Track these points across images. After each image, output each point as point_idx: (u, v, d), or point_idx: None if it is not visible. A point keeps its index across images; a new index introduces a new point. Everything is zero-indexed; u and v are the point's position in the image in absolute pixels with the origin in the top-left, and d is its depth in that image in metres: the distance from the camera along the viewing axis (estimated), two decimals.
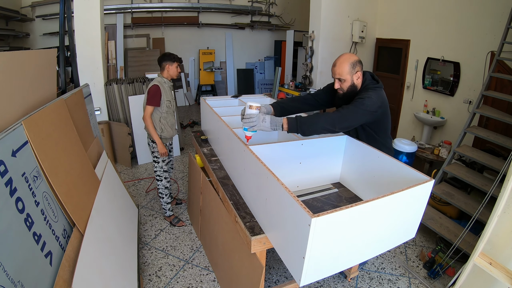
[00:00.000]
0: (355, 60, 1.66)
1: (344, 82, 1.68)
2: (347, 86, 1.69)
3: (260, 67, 8.06)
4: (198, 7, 6.75)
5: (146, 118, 2.52)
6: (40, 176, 1.33)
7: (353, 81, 1.68)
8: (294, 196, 1.12)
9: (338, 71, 1.67)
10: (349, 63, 1.64)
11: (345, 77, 1.66)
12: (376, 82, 1.72)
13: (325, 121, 1.53)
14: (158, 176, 2.70)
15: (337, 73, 1.67)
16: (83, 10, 3.68)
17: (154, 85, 2.45)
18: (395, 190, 1.21)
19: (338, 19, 4.88)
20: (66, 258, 1.33)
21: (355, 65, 1.65)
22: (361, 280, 2.24)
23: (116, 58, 6.05)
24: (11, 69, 1.44)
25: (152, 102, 2.46)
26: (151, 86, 2.46)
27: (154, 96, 2.45)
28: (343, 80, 1.68)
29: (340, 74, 1.67)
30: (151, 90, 2.46)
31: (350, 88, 1.69)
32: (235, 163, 1.84)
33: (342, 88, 1.71)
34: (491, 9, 3.52)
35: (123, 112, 4.13)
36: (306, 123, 1.52)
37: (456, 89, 4.01)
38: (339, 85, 1.70)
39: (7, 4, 4.93)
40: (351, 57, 1.67)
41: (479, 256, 1.81)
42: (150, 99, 2.46)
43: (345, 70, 1.65)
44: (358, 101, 1.59)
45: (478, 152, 2.77)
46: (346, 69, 1.65)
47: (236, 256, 1.81)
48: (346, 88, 1.70)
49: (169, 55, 2.52)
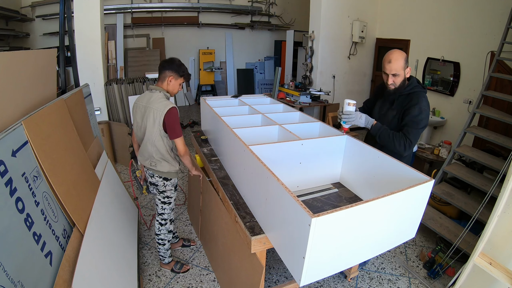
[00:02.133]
0: (406, 56, 1.78)
1: (398, 77, 1.77)
2: (400, 81, 1.79)
3: (260, 67, 8.06)
4: (198, 7, 6.75)
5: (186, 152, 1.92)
6: (40, 176, 1.33)
7: (405, 75, 1.79)
8: (294, 196, 1.12)
9: (394, 67, 1.75)
10: (404, 59, 1.75)
11: (400, 72, 1.76)
12: (422, 87, 1.82)
13: (398, 145, 1.75)
14: (164, 220, 2.12)
15: (394, 69, 1.75)
16: (83, 10, 3.68)
17: (173, 108, 1.83)
18: (395, 190, 1.21)
19: (338, 19, 4.89)
20: (66, 258, 1.33)
21: (406, 60, 1.77)
22: (361, 280, 2.24)
23: (116, 58, 6.05)
24: (11, 69, 1.44)
25: (180, 131, 1.88)
26: (171, 109, 1.81)
27: (178, 122, 1.86)
28: (398, 75, 1.76)
29: (396, 70, 1.75)
30: (173, 116, 1.82)
31: (402, 83, 1.80)
32: (235, 163, 1.84)
33: (395, 83, 1.80)
34: (491, 9, 3.52)
35: (123, 112, 4.13)
36: (384, 135, 1.78)
37: (456, 89, 4.01)
38: (393, 80, 1.79)
39: (7, 4, 4.93)
40: (403, 53, 1.77)
41: (479, 256, 1.81)
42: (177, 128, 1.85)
43: (400, 66, 1.74)
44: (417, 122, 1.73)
45: (478, 152, 2.77)
46: (401, 64, 1.74)
47: (236, 256, 1.81)
48: (399, 83, 1.80)
49: (179, 65, 1.91)
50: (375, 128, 1.82)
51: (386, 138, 1.78)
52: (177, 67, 1.90)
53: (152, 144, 1.89)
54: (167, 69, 1.89)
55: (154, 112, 1.83)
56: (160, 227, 2.12)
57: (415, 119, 1.73)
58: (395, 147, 1.75)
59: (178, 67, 1.90)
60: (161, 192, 2.04)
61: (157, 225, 2.13)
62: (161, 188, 2.03)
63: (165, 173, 1.98)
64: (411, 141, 1.74)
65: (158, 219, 2.11)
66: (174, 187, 2.08)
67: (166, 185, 2.02)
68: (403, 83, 1.79)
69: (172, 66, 1.89)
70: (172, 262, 2.28)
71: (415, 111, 1.73)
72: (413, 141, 1.74)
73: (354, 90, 5.48)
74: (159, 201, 2.07)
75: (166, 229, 2.14)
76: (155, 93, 1.88)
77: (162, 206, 2.08)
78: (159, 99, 1.85)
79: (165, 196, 2.05)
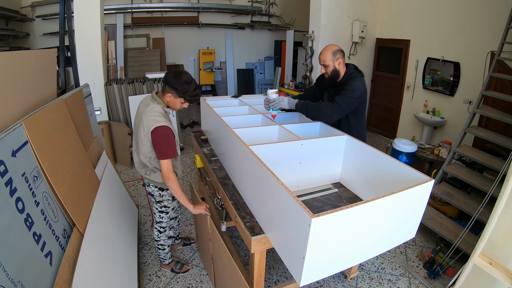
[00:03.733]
0: (336, 49, 2.00)
1: (328, 67, 2.02)
2: (330, 70, 2.02)
3: (260, 67, 8.06)
4: (198, 7, 6.75)
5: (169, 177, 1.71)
6: (40, 176, 1.33)
7: (335, 66, 2.01)
8: (294, 196, 1.12)
9: (322, 58, 2.01)
10: (331, 52, 1.99)
11: (328, 63, 2.00)
12: (358, 72, 2.05)
13: (325, 109, 1.93)
14: (162, 228, 2.07)
15: (322, 60, 2.02)
16: (83, 10, 3.68)
17: (161, 128, 1.64)
18: (395, 190, 1.21)
19: (338, 19, 4.88)
20: (66, 258, 1.33)
21: (336, 53, 1.99)
22: (361, 280, 2.24)
23: (116, 58, 6.05)
24: (11, 69, 1.44)
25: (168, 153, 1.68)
26: (156, 129, 1.64)
27: (168, 142, 1.66)
28: (327, 65, 2.01)
29: (323, 61, 2.01)
30: (159, 136, 1.65)
31: (333, 72, 2.02)
32: (235, 163, 1.84)
33: (327, 72, 2.04)
34: (491, 9, 3.52)
35: (123, 112, 4.13)
36: (310, 108, 1.99)
37: (456, 89, 4.01)
38: (324, 70, 2.04)
39: (7, 4, 4.93)
40: (333, 46, 2.01)
41: (479, 256, 1.81)
42: (164, 149, 1.67)
43: (327, 57, 1.99)
44: (347, 92, 1.93)
45: (478, 152, 2.77)
46: (328, 56, 1.99)
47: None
48: (330, 72, 2.03)
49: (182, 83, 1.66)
50: (300, 105, 2.05)
51: (312, 108, 1.99)
52: (179, 86, 1.67)
53: (144, 155, 1.80)
54: (167, 84, 1.69)
55: (143, 126, 1.71)
56: (159, 234, 2.10)
57: (345, 91, 1.94)
58: (321, 110, 1.94)
59: (180, 85, 1.67)
60: (157, 202, 1.98)
61: (156, 232, 2.10)
62: (158, 198, 1.96)
63: (160, 183, 1.89)
64: (338, 104, 1.91)
65: (157, 226, 2.09)
66: (172, 197, 2.01)
67: (162, 195, 1.96)
68: (335, 73, 2.02)
69: (174, 83, 1.67)
70: (172, 263, 2.29)
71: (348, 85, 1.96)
72: (340, 103, 1.91)
73: None
74: (157, 211, 2.02)
75: (166, 235, 2.11)
76: (153, 103, 1.74)
77: (159, 215, 2.03)
78: (152, 113, 1.69)
79: (162, 205, 2.00)
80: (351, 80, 1.97)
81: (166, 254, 2.21)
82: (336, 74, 2.02)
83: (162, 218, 2.05)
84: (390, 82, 5.19)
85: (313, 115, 1.99)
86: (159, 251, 2.18)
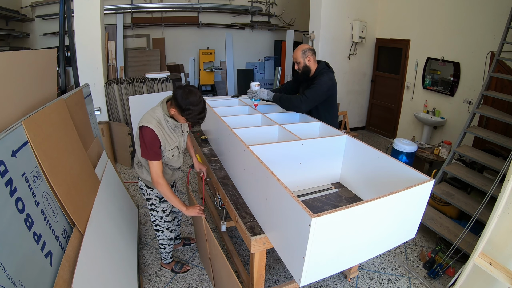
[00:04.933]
0: (306, 48, 2.27)
1: (299, 63, 2.29)
2: (301, 66, 2.29)
3: (260, 67, 8.05)
4: (198, 7, 6.75)
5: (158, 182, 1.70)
6: (40, 176, 1.33)
7: (305, 62, 2.27)
8: (294, 196, 1.12)
9: (294, 56, 2.31)
10: (301, 50, 2.26)
11: (299, 60, 2.28)
12: (328, 68, 2.30)
13: (295, 101, 2.24)
14: (158, 226, 2.04)
15: (294, 57, 2.32)
16: (83, 10, 3.68)
17: (148, 128, 1.63)
18: (395, 190, 1.21)
19: (338, 19, 4.88)
20: (66, 258, 1.33)
21: (306, 51, 2.25)
22: (361, 280, 2.24)
23: (116, 58, 6.04)
24: (11, 69, 1.44)
25: (149, 154, 1.67)
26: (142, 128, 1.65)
27: (148, 145, 1.65)
28: (298, 62, 2.29)
29: (295, 58, 2.30)
30: (142, 135, 1.65)
31: (304, 68, 2.29)
32: (235, 163, 1.84)
33: (299, 68, 2.31)
34: (491, 9, 3.52)
35: (123, 112, 4.13)
36: (283, 99, 2.31)
37: (456, 89, 4.01)
38: (297, 66, 2.32)
39: (7, 4, 4.92)
40: (303, 46, 2.30)
41: (479, 256, 1.81)
42: (145, 149, 1.67)
43: (298, 55, 2.27)
44: (315, 86, 2.20)
45: (478, 152, 2.77)
46: (299, 54, 2.27)
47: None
48: (301, 68, 2.30)
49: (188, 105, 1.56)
50: (275, 96, 2.36)
51: (285, 99, 2.30)
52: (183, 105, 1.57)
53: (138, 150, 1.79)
54: (174, 100, 1.60)
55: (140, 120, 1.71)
56: (157, 233, 2.08)
57: (313, 85, 2.21)
58: (292, 102, 2.25)
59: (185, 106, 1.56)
60: (147, 199, 1.97)
61: (154, 231, 2.11)
62: (146, 195, 1.95)
63: (147, 181, 1.88)
64: (307, 97, 2.20)
65: (153, 225, 2.08)
66: (159, 198, 1.94)
67: (149, 193, 1.93)
68: (305, 68, 2.28)
69: (180, 101, 1.57)
70: (173, 262, 2.28)
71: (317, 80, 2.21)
72: (308, 96, 2.19)
73: (354, 90, 5.48)
74: (148, 208, 2.03)
75: (165, 236, 2.08)
76: (158, 107, 1.72)
77: (151, 213, 2.02)
78: (150, 113, 1.70)
79: (151, 203, 1.97)
80: (320, 75, 2.23)
81: (167, 254, 2.20)
82: (307, 70, 2.29)
83: (155, 217, 2.01)
84: (390, 82, 5.19)
85: (286, 105, 2.31)
86: (160, 249, 2.19)
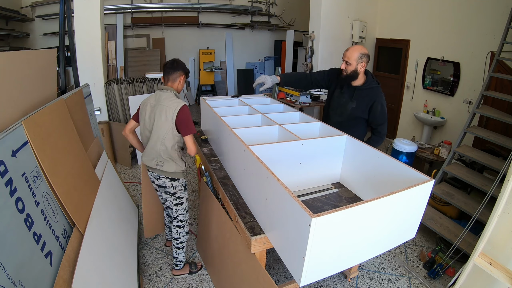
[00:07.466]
0: (365, 53, 2.00)
1: (349, 65, 2.01)
2: (350, 69, 2.02)
3: (260, 67, 8.05)
4: (198, 7, 6.75)
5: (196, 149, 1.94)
6: (40, 176, 1.33)
7: (357, 68, 2.01)
8: (294, 196, 1.12)
9: (348, 55, 2.00)
10: (359, 53, 1.98)
11: (352, 62, 1.99)
12: (377, 83, 2.09)
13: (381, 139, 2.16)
14: (180, 221, 2.07)
15: (347, 57, 2.01)
16: (83, 10, 3.68)
17: (186, 105, 1.87)
18: (395, 190, 1.21)
19: (338, 19, 4.88)
20: (66, 258, 1.33)
21: (363, 56, 1.99)
22: (361, 280, 2.24)
23: (116, 58, 6.04)
24: (11, 69, 1.44)
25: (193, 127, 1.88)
26: (184, 106, 1.85)
27: (191, 118, 1.89)
28: (350, 64, 2.00)
29: (349, 58, 2.00)
30: (187, 112, 1.85)
31: (352, 72, 2.02)
32: (235, 163, 1.84)
33: (346, 70, 2.04)
34: (491, 9, 3.52)
35: (123, 112, 4.13)
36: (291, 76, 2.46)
37: (456, 89, 4.01)
38: (345, 66, 2.03)
39: (7, 4, 4.92)
40: (363, 49, 2.01)
41: (479, 256, 1.81)
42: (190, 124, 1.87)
43: (354, 56, 1.98)
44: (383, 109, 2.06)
45: (478, 152, 2.77)
46: (355, 55, 1.98)
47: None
48: (350, 71, 2.02)
49: (183, 63, 1.98)
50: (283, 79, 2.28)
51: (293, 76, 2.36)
52: (183, 66, 1.97)
53: (161, 143, 1.86)
54: (177, 70, 1.93)
55: (166, 110, 1.83)
56: (179, 229, 2.08)
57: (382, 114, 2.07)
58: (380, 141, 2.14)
59: (183, 65, 1.98)
60: (172, 194, 2.01)
61: (175, 228, 2.08)
62: (171, 190, 1.99)
63: (172, 173, 1.94)
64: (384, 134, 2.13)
65: (175, 222, 2.07)
66: (184, 187, 2.05)
67: (175, 186, 1.99)
68: (353, 73, 2.03)
69: (179, 66, 1.95)
70: (186, 266, 2.24)
71: (378, 108, 2.05)
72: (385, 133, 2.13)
73: None
74: (172, 204, 2.04)
75: (185, 231, 2.10)
76: (166, 92, 1.89)
77: (176, 209, 2.05)
78: (170, 98, 1.87)
79: (177, 197, 2.02)
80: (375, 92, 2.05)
81: (184, 255, 2.18)
82: (354, 76, 2.03)
83: (179, 211, 2.05)
84: (390, 82, 5.19)
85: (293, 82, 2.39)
86: (179, 251, 2.14)
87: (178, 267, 2.20)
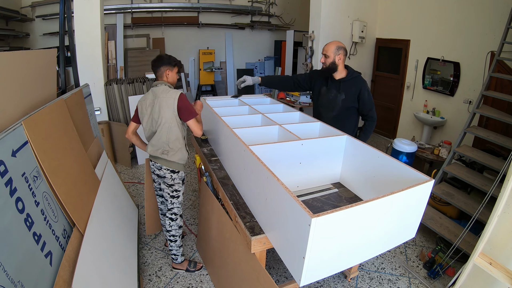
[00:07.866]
0: (342, 46, 2.15)
1: (327, 58, 2.14)
2: (329, 62, 2.15)
3: (260, 67, 8.05)
4: (198, 7, 6.74)
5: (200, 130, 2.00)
6: (40, 176, 1.33)
7: (334, 59, 2.14)
8: (294, 196, 1.12)
9: (326, 48, 2.16)
10: (336, 46, 2.13)
11: (330, 54, 2.13)
12: (358, 73, 2.25)
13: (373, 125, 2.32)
14: (174, 214, 2.12)
15: (325, 50, 2.15)
16: (83, 10, 3.68)
17: (183, 93, 1.93)
18: (395, 190, 1.21)
19: (338, 19, 4.88)
20: (66, 258, 1.33)
21: (340, 49, 2.13)
22: (361, 280, 2.24)
23: (116, 58, 6.04)
24: (11, 69, 1.45)
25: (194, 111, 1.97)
26: (182, 94, 1.92)
27: (189, 103, 1.97)
28: (328, 56, 2.14)
29: (326, 51, 2.14)
30: (185, 99, 1.93)
31: (330, 64, 2.15)
32: (235, 163, 1.84)
33: (325, 62, 2.16)
34: (491, 9, 3.52)
35: (123, 112, 4.13)
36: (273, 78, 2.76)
37: (456, 89, 4.01)
38: (324, 60, 2.16)
39: (7, 4, 4.92)
40: (339, 43, 2.16)
41: (479, 256, 1.81)
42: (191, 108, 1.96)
43: (331, 49, 2.13)
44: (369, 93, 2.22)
45: (478, 152, 2.77)
46: (332, 48, 2.13)
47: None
48: (328, 64, 2.15)
49: (168, 58, 2.00)
50: (264, 79, 2.46)
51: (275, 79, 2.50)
52: (167, 60, 1.99)
53: (168, 131, 1.93)
54: (160, 66, 1.98)
55: (166, 101, 1.89)
56: (171, 222, 2.12)
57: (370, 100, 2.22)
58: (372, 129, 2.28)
59: (168, 59, 1.99)
60: (169, 185, 2.04)
61: (168, 221, 2.12)
62: (169, 181, 2.03)
63: (174, 164, 2.00)
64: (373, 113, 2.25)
65: (168, 214, 2.11)
66: (182, 181, 2.08)
67: (174, 179, 2.03)
68: (332, 65, 2.14)
69: (163, 61, 1.98)
70: (185, 262, 2.27)
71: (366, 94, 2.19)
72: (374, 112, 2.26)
73: None
74: (168, 196, 2.07)
75: (177, 224, 2.13)
76: (160, 86, 1.95)
77: (171, 201, 2.08)
78: (166, 90, 1.93)
79: (174, 189, 2.06)
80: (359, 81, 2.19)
81: (178, 249, 2.19)
82: (333, 68, 2.16)
83: (174, 204, 2.09)
84: (390, 82, 5.19)
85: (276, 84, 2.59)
86: (171, 244, 2.16)
87: (177, 260, 2.23)
